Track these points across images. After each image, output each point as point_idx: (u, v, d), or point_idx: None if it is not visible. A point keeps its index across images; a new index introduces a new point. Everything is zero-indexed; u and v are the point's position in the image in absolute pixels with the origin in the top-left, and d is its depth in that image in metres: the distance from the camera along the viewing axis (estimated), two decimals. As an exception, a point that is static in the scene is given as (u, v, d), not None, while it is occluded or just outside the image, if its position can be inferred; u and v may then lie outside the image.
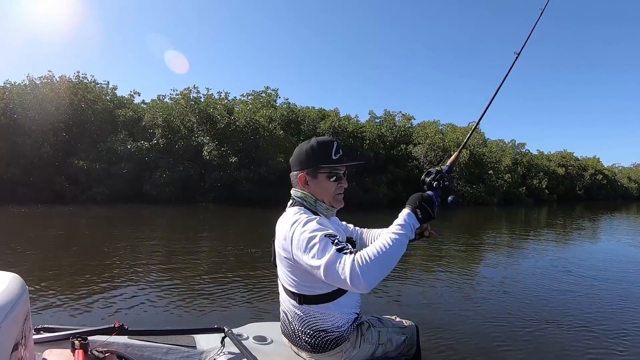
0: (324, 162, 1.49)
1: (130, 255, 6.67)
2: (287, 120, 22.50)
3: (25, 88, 20.81)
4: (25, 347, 1.07)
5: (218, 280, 5.14)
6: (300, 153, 1.52)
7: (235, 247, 8.05)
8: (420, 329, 1.76)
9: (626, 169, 63.67)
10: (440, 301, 4.74)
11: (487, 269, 6.94)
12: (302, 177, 1.51)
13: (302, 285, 1.45)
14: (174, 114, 21.57)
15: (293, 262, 1.39)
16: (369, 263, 1.22)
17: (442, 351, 3.14)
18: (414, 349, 1.71)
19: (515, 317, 4.14)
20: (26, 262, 5.78)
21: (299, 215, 1.41)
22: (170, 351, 1.57)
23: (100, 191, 18.86)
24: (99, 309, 3.91)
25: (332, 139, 1.55)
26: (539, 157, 42.37)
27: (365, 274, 1.20)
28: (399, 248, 1.28)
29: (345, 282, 1.21)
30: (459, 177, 29.01)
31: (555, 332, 3.76)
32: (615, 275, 6.38)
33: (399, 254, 1.28)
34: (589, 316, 4.24)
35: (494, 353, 3.23)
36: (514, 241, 10.85)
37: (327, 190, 1.51)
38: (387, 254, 1.25)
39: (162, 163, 19.95)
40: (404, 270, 6.12)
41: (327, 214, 1.54)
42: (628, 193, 53.90)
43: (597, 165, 48.53)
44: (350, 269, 1.20)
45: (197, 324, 2.67)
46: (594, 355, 3.26)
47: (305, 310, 1.48)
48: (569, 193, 41.78)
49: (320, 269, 1.25)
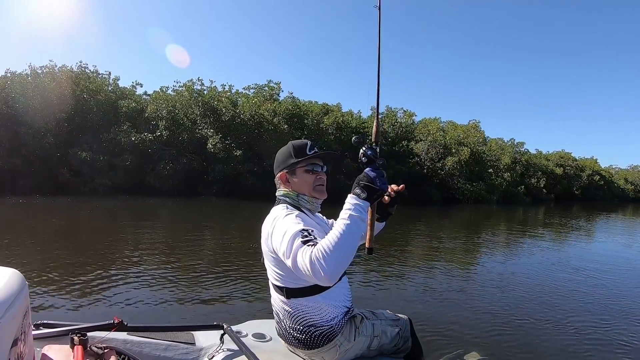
0: (300, 155, 1.58)
1: (131, 250, 6.61)
2: (291, 115, 22.45)
3: (26, 78, 20.59)
4: (25, 342, 1.08)
5: (218, 277, 5.12)
6: (279, 156, 1.64)
7: (236, 242, 8.02)
8: (414, 322, 1.79)
9: (623, 170, 64.26)
10: (434, 295, 4.80)
11: (485, 265, 7.02)
12: (283, 175, 1.60)
13: (287, 279, 1.49)
14: (178, 106, 21.44)
15: (276, 256, 1.45)
16: (325, 253, 1.21)
17: (438, 344, 3.16)
18: (409, 341, 1.73)
19: (511, 310, 4.24)
20: (26, 256, 5.70)
21: (280, 211, 1.49)
22: (169, 348, 1.58)
23: (103, 183, 18.75)
24: (99, 304, 3.90)
25: (306, 140, 1.64)
26: (538, 156, 42.67)
27: (323, 264, 1.19)
28: (352, 234, 1.26)
29: (309, 273, 1.22)
30: (459, 174, 29.34)
31: (549, 323, 3.88)
32: (608, 272, 6.56)
33: (353, 240, 1.26)
34: (582, 309, 4.44)
35: (489, 344, 3.31)
36: (511, 239, 11.00)
37: (306, 183, 1.58)
38: (341, 242, 1.23)
39: (165, 155, 19.86)
40: (399, 266, 6.16)
41: (311, 207, 1.59)
42: (624, 194, 54.51)
43: (594, 166, 48.97)
44: (309, 261, 1.21)
45: (196, 321, 2.73)
46: (588, 346, 3.39)
47: (292, 304, 1.51)
48: (566, 193, 42.17)
49: (289, 262, 1.30)
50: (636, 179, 59.17)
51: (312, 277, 1.23)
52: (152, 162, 20.14)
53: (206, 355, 1.60)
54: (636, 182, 58.53)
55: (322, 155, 1.62)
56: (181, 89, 22.44)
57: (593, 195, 45.85)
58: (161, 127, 20.60)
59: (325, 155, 1.64)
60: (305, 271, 1.24)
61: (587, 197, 44.34)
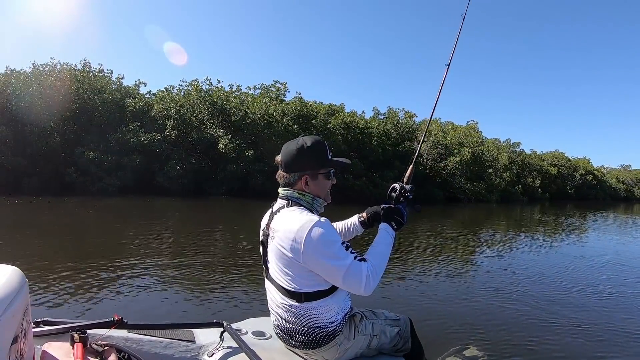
0: (324, 164, 1.57)
1: (132, 248, 6.58)
2: (299, 115, 22.54)
3: (28, 75, 20.21)
4: (25, 340, 1.08)
5: (218, 274, 5.11)
6: (300, 155, 1.53)
7: (237, 241, 8.01)
8: (414, 321, 1.81)
9: (614, 170, 65.61)
10: (434, 294, 4.82)
11: (484, 263, 7.10)
12: (305, 178, 1.55)
13: (304, 284, 1.48)
14: (186, 106, 21.36)
15: (300, 263, 1.43)
16: (377, 272, 1.45)
17: (439, 343, 3.15)
18: (408, 342, 1.74)
19: (511, 308, 4.31)
20: (27, 254, 5.68)
21: (308, 215, 1.46)
22: (169, 345, 1.58)
23: (111, 183, 18.57)
24: (99, 302, 3.90)
25: (321, 138, 1.61)
26: (532, 156, 43.30)
27: (373, 281, 1.42)
28: (388, 257, 1.57)
29: (360, 287, 1.39)
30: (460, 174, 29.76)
31: (550, 322, 3.97)
32: (604, 268, 6.82)
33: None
34: (580, 305, 4.57)
35: (490, 341, 3.36)
36: (512, 237, 11.23)
37: (324, 188, 1.61)
38: (384, 263, 1.52)
39: (174, 155, 19.79)
40: (397, 265, 6.21)
41: (320, 211, 1.61)
42: (616, 193, 55.74)
43: (587, 166, 49.91)
44: (365, 277, 1.39)
45: (196, 318, 2.72)
46: (587, 342, 3.49)
47: (303, 307, 1.50)
48: (560, 192, 42.95)
49: (340, 274, 1.39)
50: (627, 179, 60.52)
51: (361, 289, 1.40)
52: (159, 162, 20.04)
53: (206, 352, 1.60)
54: (627, 182, 59.87)
55: (346, 167, 1.67)
56: (188, 88, 22.33)
57: (586, 195, 46.83)
58: (169, 127, 20.49)
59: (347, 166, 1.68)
60: (358, 285, 1.39)
61: (580, 196, 45.31)
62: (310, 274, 1.44)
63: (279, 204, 1.59)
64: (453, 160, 28.39)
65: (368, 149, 24.57)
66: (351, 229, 1.91)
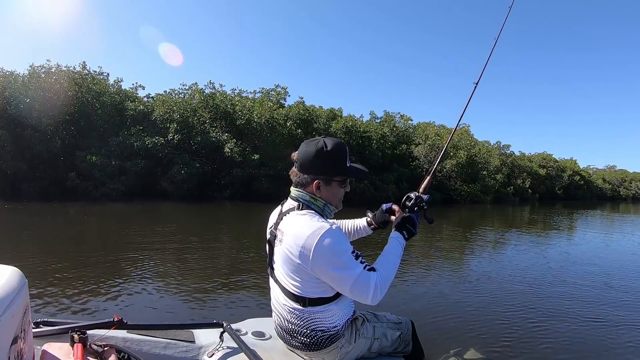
0: (341, 171, 1.51)
1: (131, 249, 6.53)
2: (301, 119, 22.69)
3: (26, 77, 19.79)
4: (25, 340, 1.09)
5: (218, 275, 5.08)
6: (318, 158, 1.47)
7: (238, 242, 7.95)
8: (416, 323, 1.80)
9: (600, 170, 67.54)
10: (434, 294, 4.75)
11: (484, 263, 7.03)
12: (317, 183, 1.48)
13: (310, 290, 1.46)
14: (189, 109, 21.28)
15: (307, 270, 1.41)
16: (385, 283, 1.42)
17: (440, 344, 3.11)
18: (410, 345, 1.74)
19: (512, 308, 4.31)
20: (26, 255, 5.63)
21: (319, 222, 1.42)
22: (169, 346, 1.58)
23: (115, 187, 18.38)
24: (99, 303, 3.87)
25: (343, 143, 1.54)
26: (521, 158, 44.30)
27: (381, 292, 1.39)
28: (397, 266, 1.55)
29: (367, 298, 1.37)
30: (456, 176, 30.36)
31: (550, 318, 3.99)
32: (601, 265, 6.93)
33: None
34: (581, 305, 4.53)
35: (491, 342, 3.34)
36: (510, 237, 11.29)
37: (337, 195, 1.55)
38: (393, 273, 1.50)
39: (177, 159, 19.71)
40: (399, 266, 6.14)
41: (330, 218, 1.57)
42: (602, 193, 57.27)
43: (574, 167, 51.21)
44: (374, 288, 1.37)
45: (196, 319, 2.81)
46: (587, 341, 3.50)
47: (307, 312, 1.49)
48: (549, 192, 44.00)
49: (348, 284, 1.37)
50: (613, 179, 62.30)
51: (366, 299, 1.37)
52: (162, 166, 19.93)
53: (206, 353, 1.60)
54: (613, 182, 61.67)
55: (364, 177, 1.62)
56: (189, 92, 22.22)
57: (574, 195, 48.08)
58: (172, 130, 20.39)
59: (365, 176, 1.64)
60: (363, 294, 1.37)
61: (568, 197, 46.47)
62: (317, 281, 1.43)
63: (289, 204, 1.54)
64: (449, 162, 28.98)
65: (368, 152, 24.89)
66: (360, 230, 1.91)
